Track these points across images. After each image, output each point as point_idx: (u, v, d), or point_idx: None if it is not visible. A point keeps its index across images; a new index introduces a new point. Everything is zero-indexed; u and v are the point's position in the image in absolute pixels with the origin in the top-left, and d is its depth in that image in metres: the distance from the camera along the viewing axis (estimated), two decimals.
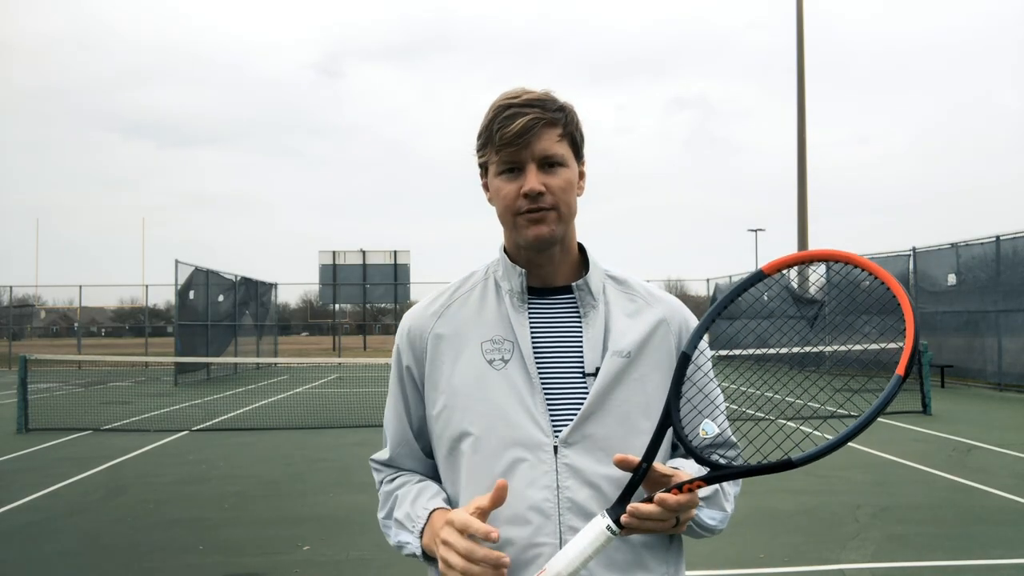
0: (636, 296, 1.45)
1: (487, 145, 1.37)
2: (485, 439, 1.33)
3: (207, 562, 5.18)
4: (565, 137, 1.36)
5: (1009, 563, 4.94)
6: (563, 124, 1.36)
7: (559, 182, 1.35)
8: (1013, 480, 7.18)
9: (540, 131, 1.33)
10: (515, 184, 1.35)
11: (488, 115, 1.36)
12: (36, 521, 6.27)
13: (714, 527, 1.37)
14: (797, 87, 25.76)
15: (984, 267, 16.82)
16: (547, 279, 1.42)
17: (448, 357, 1.38)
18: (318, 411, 13.39)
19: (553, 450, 1.31)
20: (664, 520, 1.20)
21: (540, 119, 1.32)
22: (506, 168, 1.35)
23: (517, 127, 1.31)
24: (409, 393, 1.44)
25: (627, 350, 1.37)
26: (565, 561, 1.19)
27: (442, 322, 1.41)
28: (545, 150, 1.33)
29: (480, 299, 1.43)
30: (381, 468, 1.50)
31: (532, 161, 1.33)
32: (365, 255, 34.59)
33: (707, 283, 32.92)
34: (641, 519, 1.19)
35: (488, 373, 1.35)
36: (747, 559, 5.01)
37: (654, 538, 1.34)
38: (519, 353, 1.36)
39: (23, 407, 11.33)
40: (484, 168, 1.42)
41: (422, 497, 1.37)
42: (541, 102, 1.34)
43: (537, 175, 1.33)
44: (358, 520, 6.16)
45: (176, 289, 21.02)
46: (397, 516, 1.39)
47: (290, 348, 41.00)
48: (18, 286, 48.85)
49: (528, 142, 1.32)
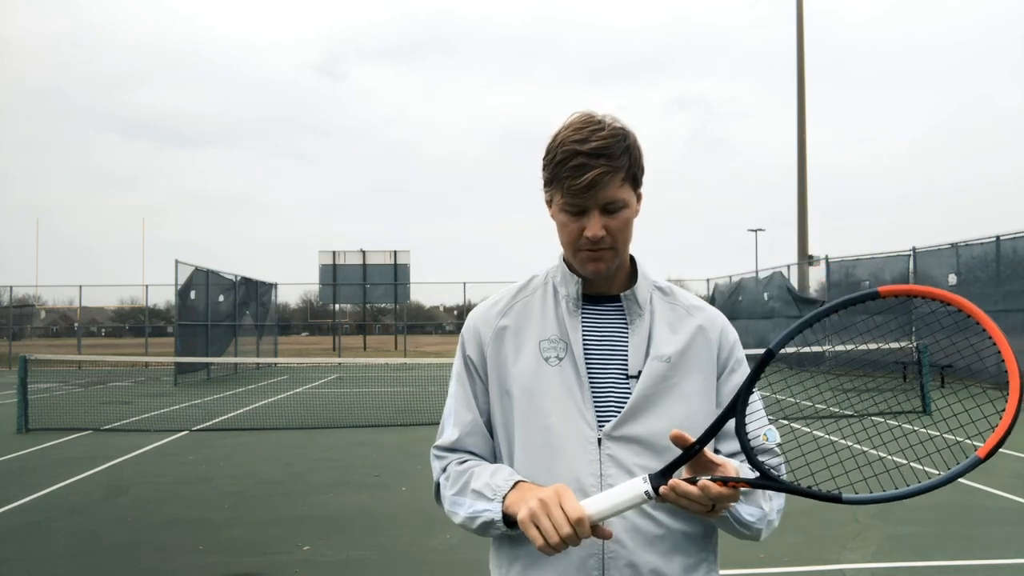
0: (678, 307, 1.57)
1: (553, 183, 1.45)
2: (538, 426, 1.46)
3: (207, 562, 5.18)
4: (628, 180, 1.44)
5: (1009, 563, 4.94)
6: (627, 168, 1.43)
7: (619, 224, 1.45)
8: (1013, 480, 7.19)
9: (606, 182, 1.40)
10: (578, 224, 1.44)
11: (556, 155, 1.42)
12: (36, 521, 6.27)
13: (752, 524, 1.42)
14: (797, 87, 25.76)
15: (984, 267, 16.83)
16: (601, 288, 1.55)
17: (510, 351, 1.52)
18: (318, 411, 13.39)
19: (597, 442, 1.44)
20: (700, 504, 1.26)
21: (607, 171, 1.39)
22: (571, 210, 1.44)
23: (585, 181, 1.38)
24: (476, 382, 1.56)
25: (668, 356, 1.49)
26: (597, 508, 1.27)
27: (506, 320, 1.56)
28: (609, 198, 1.42)
29: (540, 302, 1.57)
30: (445, 454, 1.57)
31: (596, 207, 1.42)
32: (365, 255, 34.59)
33: (707, 283, 32.88)
34: (679, 495, 1.25)
35: (543, 368, 1.49)
36: (747, 559, 5.01)
37: (693, 527, 1.45)
38: (571, 353, 1.49)
39: (23, 407, 11.33)
40: (549, 193, 1.50)
41: (501, 472, 1.45)
42: (608, 151, 1.39)
43: (600, 219, 1.42)
44: (358, 520, 6.16)
45: (176, 289, 21.03)
46: (474, 487, 1.45)
47: (290, 348, 40.98)
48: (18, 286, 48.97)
49: (595, 193, 1.40)
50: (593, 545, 1.40)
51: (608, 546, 1.40)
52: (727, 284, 30.17)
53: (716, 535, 1.52)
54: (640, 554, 1.40)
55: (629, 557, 1.40)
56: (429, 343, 45.91)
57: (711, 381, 1.51)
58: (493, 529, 1.42)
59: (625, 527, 1.40)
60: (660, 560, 1.41)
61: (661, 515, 1.42)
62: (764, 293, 25.69)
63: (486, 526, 1.42)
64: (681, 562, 1.43)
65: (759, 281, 26.85)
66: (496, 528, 1.41)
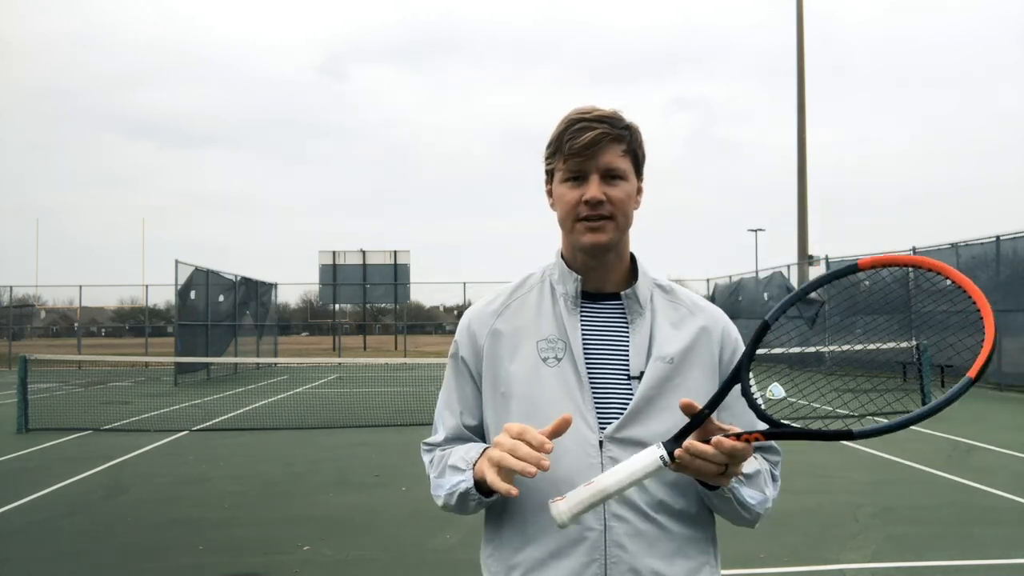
0: (680, 305, 1.55)
1: (556, 153, 1.48)
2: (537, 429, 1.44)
3: (207, 562, 5.18)
4: (628, 153, 1.47)
5: (1009, 563, 4.94)
6: (628, 141, 1.46)
7: (619, 193, 1.45)
8: (1013, 480, 7.18)
9: (606, 145, 1.43)
10: (578, 191, 1.45)
11: (560, 126, 1.47)
12: (36, 521, 6.27)
13: (753, 506, 1.43)
14: (797, 87, 25.76)
15: (984, 267, 16.84)
16: (600, 285, 1.52)
17: (506, 352, 1.49)
18: (318, 411, 13.38)
19: (599, 444, 1.42)
20: (714, 463, 1.26)
21: (607, 134, 1.43)
22: (571, 176, 1.46)
23: (586, 140, 1.42)
24: (466, 384, 1.54)
25: (671, 356, 1.47)
26: (615, 479, 1.26)
27: (501, 320, 1.53)
28: (609, 163, 1.44)
29: (537, 301, 1.54)
30: (433, 448, 1.57)
31: (596, 172, 1.44)
32: (365, 255, 34.58)
33: (707, 283, 32.88)
34: (693, 455, 1.25)
35: (542, 369, 1.46)
36: (747, 559, 5.01)
37: (695, 530, 1.45)
38: (571, 353, 1.46)
39: (23, 407, 11.32)
40: (550, 175, 1.52)
41: (475, 447, 1.46)
42: (610, 119, 1.45)
43: (599, 185, 1.44)
44: (358, 520, 6.16)
45: (176, 289, 21.02)
46: (450, 463, 1.46)
47: (290, 348, 40.98)
48: (18, 286, 48.94)
49: (594, 154, 1.43)
50: (595, 551, 1.39)
51: (610, 551, 1.39)
52: (727, 284, 30.18)
53: (715, 536, 1.52)
54: (642, 558, 1.39)
55: (631, 562, 1.39)
56: (429, 343, 45.94)
57: (713, 381, 1.49)
58: (470, 500, 1.42)
59: (627, 531, 1.40)
60: (662, 564, 1.41)
61: (663, 518, 1.42)
62: (764, 293, 25.70)
63: (463, 498, 1.42)
64: (683, 565, 1.43)
65: (759, 281, 26.86)
66: (472, 498, 1.41)
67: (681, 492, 1.44)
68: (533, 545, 1.43)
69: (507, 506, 1.46)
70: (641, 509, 1.41)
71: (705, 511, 1.49)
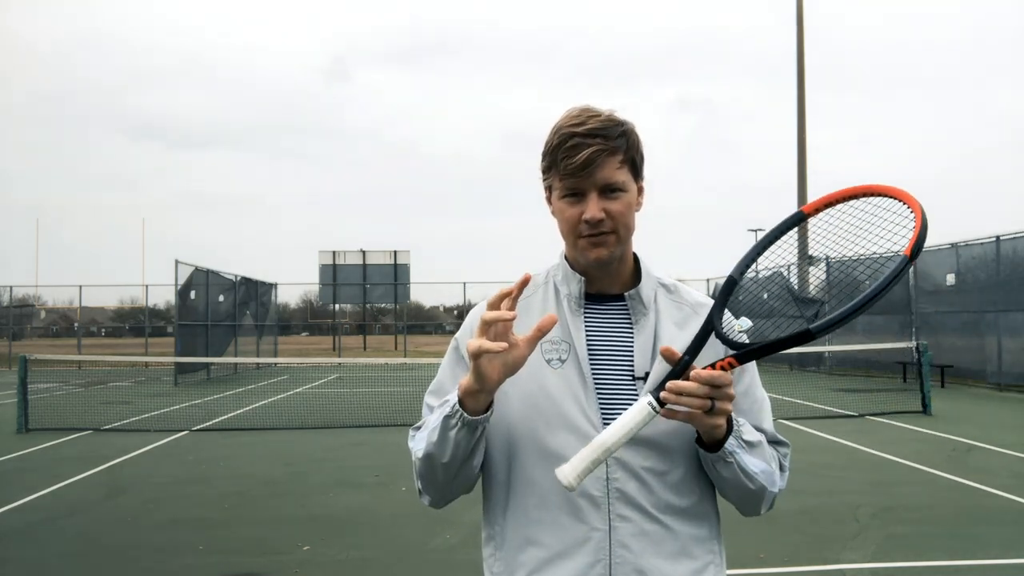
0: (684, 304, 1.55)
1: (551, 170, 1.45)
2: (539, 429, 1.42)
3: (207, 562, 5.18)
4: (626, 162, 1.43)
5: (1009, 563, 4.94)
6: (624, 150, 1.42)
7: (619, 207, 1.42)
8: (1013, 480, 7.18)
9: (602, 161, 1.39)
10: (577, 209, 1.42)
11: (553, 140, 1.43)
12: (36, 521, 6.27)
13: (756, 475, 1.42)
14: (797, 88, 25.77)
15: (984, 267, 16.82)
16: (604, 287, 1.52)
17: None
18: (318, 411, 13.38)
19: None
20: (700, 398, 1.28)
21: (603, 149, 1.39)
22: (569, 193, 1.43)
23: (580, 160, 1.38)
24: (463, 373, 1.48)
25: None
26: (611, 433, 1.29)
27: None
28: (607, 179, 1.41)
29: (541, 302, 1.53)
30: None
31: (594, 189, 1.41)
32: (365, 255, 34.55)
33: (707, 283, 32.86)
34: (678, 394, 1.27)
35: (546, 371, 1.44)
36: (747, 559, 5.01)
37: (699, 530, 1.45)
38: (575, 355, 1.45)
39: (23, 407, 11.32)
40: (548, 189, 1.50)
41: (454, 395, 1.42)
42: (604, 130, 1.39)
43: (598, 202, 1.41)
44: (358, 520, 6.16)
45: (176, 289, 21.00)
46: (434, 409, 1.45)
47: (290, 348, 40.97)
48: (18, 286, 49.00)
49: (591, 172, 1.39)
50: (599, 551, 1.39)
51: (615, 551, 1.39)
52: None
53: (720, 535, 1.51)
54: (647, 558, 1.39)
55: (636, 562, 1.38)
56: (429, 343, 45.90)
57: None
58: (455, 421, 1.33)
59: (631, 531, 1.39)
60: (667, 564, 1.40)
61: (667, 518, 1.41)
62: (764, 293, 25.65)
63: (447, 423, 1.34)
64: (688, 565, 1.42)
65: (759, 281, 26.82)
66: (455, 420, 1.33)
67: (686, 491, 1.44)
68: (536, 545, 1.42)
69: (508, 505, 1.46)
70: (645, 509, 1.40)
71: (710, 510, 1.49)
